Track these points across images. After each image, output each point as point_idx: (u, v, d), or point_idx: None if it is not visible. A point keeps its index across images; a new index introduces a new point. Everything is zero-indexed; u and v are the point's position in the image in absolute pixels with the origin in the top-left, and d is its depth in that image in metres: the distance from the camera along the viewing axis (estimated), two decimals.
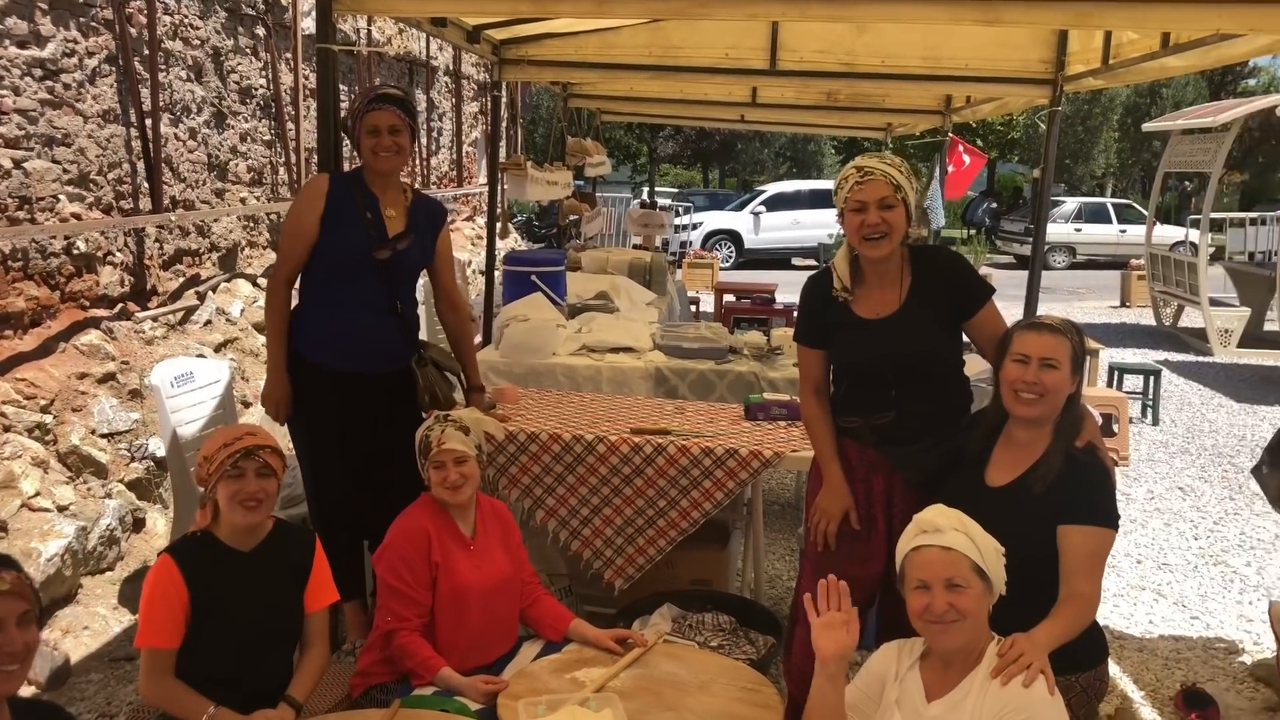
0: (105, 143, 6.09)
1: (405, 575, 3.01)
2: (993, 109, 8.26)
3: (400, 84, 11.93)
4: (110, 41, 6.12)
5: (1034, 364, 2.61)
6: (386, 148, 3.53)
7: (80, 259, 5.87)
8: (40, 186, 5.48)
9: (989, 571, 2.25)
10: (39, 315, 5.51)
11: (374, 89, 3.65)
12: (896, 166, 2.84)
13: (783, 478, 6.34)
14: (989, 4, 3.73)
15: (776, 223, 21.96)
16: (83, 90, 5.87)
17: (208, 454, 2.73)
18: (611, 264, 8.17)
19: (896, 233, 2.84)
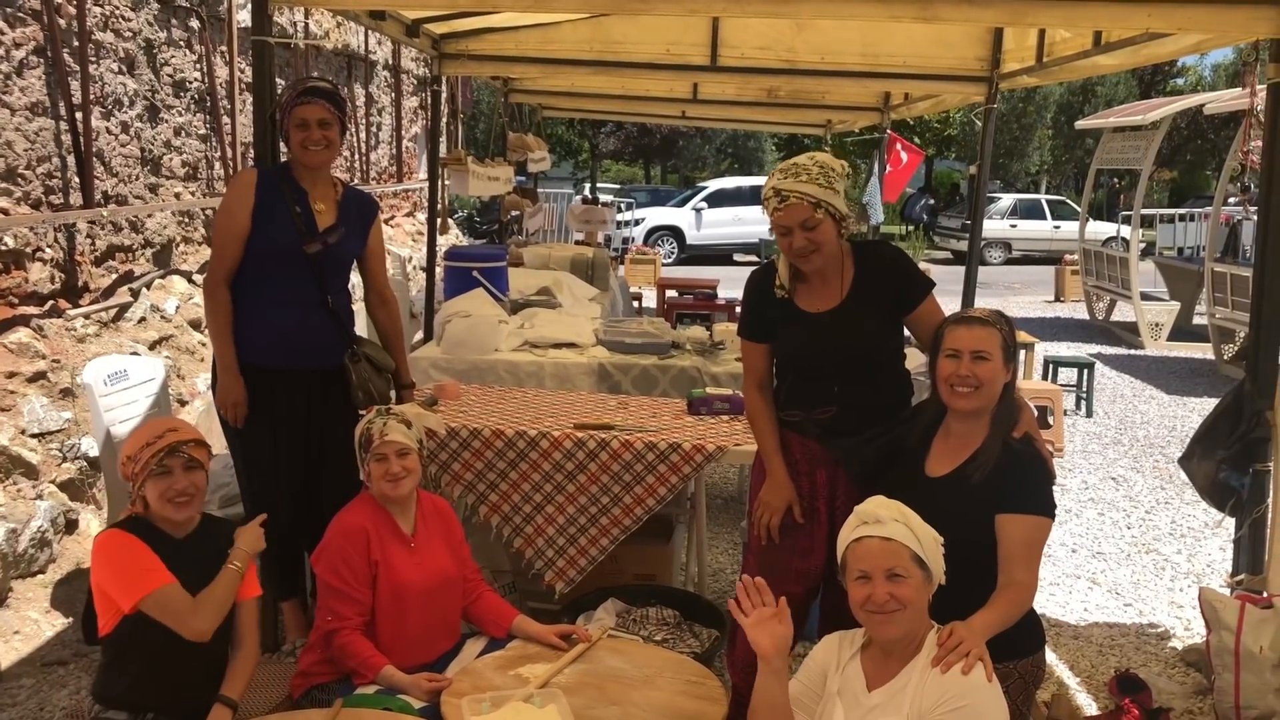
0: (34, 136, 5.94)
1: (345, 574, 2.99)
2: (930, 106, 8.37)
3: (332, 78, 11.78)
4: (38, 32, 5.97)
5: (966, 357, 2.65)
6: (316, 141, 3.48)
7: (8, 255, 5.72)
8: None
9: (928, 561, 2.28)
10: None
11: (301, 81, 3.59)
12: (815, 179, 2.82)
13: (725, 471, 6.38)
14: (925, 1, 3.79)
15: (718, 219, 22.08)
16: (9, 82, 5.72)
17: (131, 454, 2.72)
18: (554, 260, 8.16)
19: (826, 245, 2.87)
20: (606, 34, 6.51)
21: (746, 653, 3.17)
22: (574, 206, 12.01)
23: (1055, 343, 12.05)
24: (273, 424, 3.58)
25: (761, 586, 2.45)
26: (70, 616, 4.30)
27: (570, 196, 18.70)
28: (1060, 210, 23.38)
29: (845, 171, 2.89)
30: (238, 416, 3.56)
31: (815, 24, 6.20)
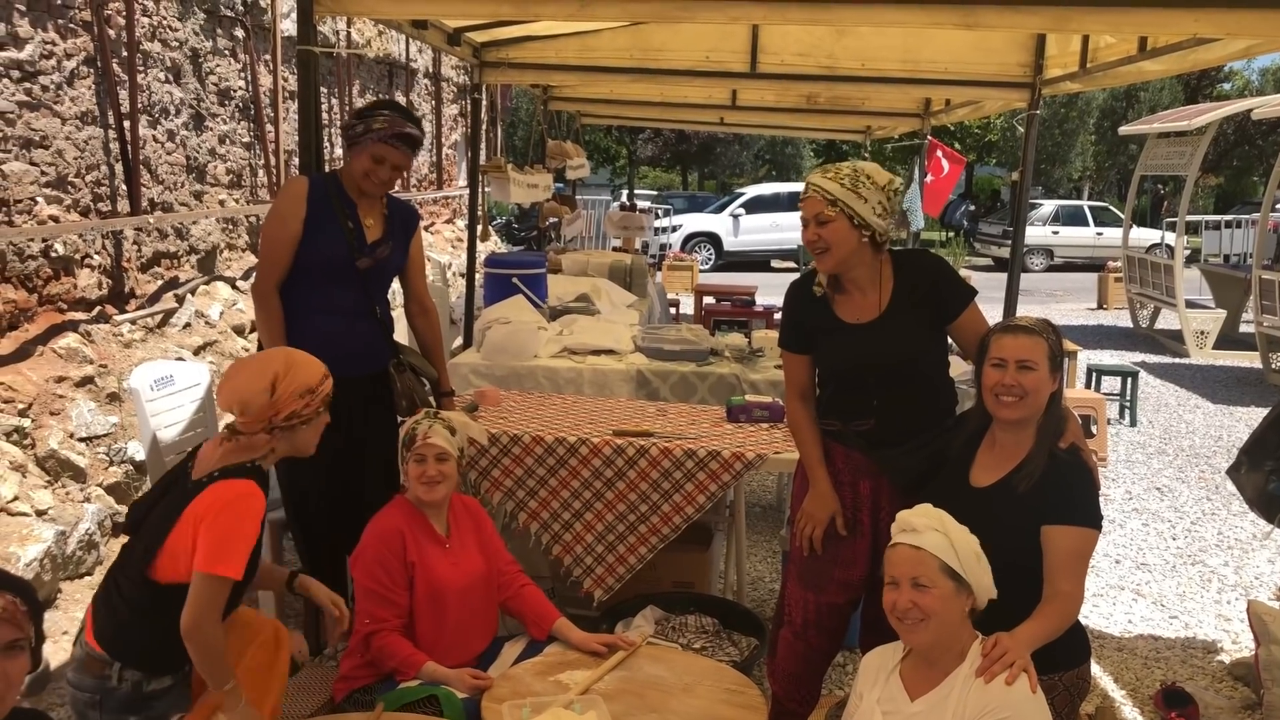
0: (83, 145, 6.05)
1: (381, 577, 3.01)
2: (970, 112, 8.31)
3: (374, 85, 11.89)
4: (89, 43, 6.08)
5: (1011, 367, 2.63)
6: (383, 180, 3.52)
7: (58, 262, 5.83)
8: (18, 189, 5.44)
9: (964, 574, 2.26)
10: (16, 318, 5.46)
11: (397, 120, 3.50)
12: (841, 180, 2.82)
13: (764, 479, 6.36)
14: (968, 8, 3.76)
15: (756, 225, 22.04)
16: (61, 92, 5.83)
17: (311, 385, 2.69)
18: (592, 266, 8.18)
19: (837, 247, 2.85)
20: (646, 41, 6.53)
21: (787, 661, 3.17)
22: (612, 213, 12.04)
23: (1098, 351, 11.92)
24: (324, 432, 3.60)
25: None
26: None
27: (608, 203, 18.75)
28: (1103, 217, 23.12)
29: (889, 186, 2.85)
30: None
31: (855, 30, 6.18)
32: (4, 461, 4.62)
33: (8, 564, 4.12)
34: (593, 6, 4.02)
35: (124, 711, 2.60)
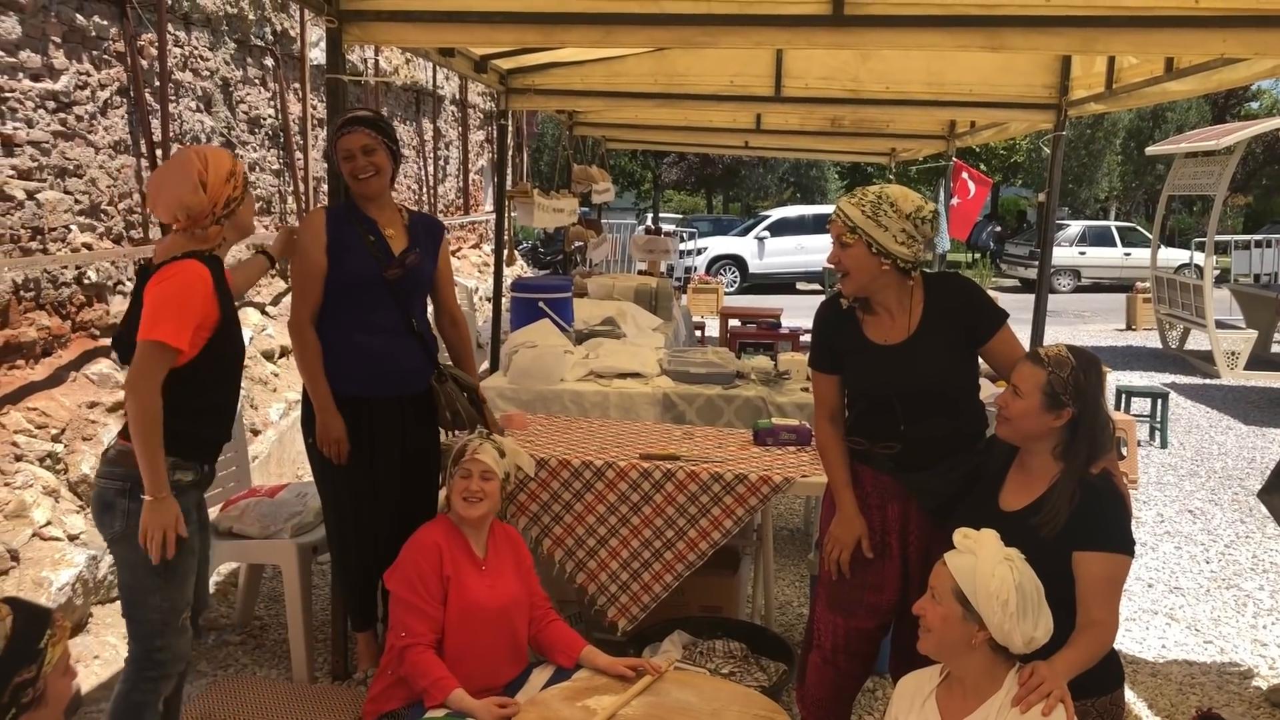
0: (116, 173, 6.14)
1: (418, 587, 3.03)
2: (995, 134, 8.31)
3: (401, 112, 12.01)
4: (122, 74, 6.18)
5: (1009, 389, 2.68)
6: (363, 169, 3.52)
7: (91, 289, 5.91)
8: (52, 217, 5.52)
9: (975, 605, 2.28)
10: (50, 345, 5.53)
11: (344, 113, 3.65)
12: (862, 206, 2.84)
13: (791, 503, 6.33)
14: (993, 30, 3.77)
15: (781, 248, 22.04)
16: (94, 122, 5.92)
17: (234, 170, 2.88)
18: (617, 290, 8.20)
19: (855, 273, 2.87)
20: (671, 67, 6.58)
21: (816, 687, 3.15)
22: (637, 237, 12.08)
23: (1127, 372, 11.81)
24: (370, 453, 3.61)
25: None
26: None
27: (633, 227, 18.80)
28: (1130, 237, 22.98)
29: (916, 214, 2.83)
30: (340, 454, 3.56)
31: (880, 53, 6.21)
32: (38, 486, 4.67)
33: (40, 588, 4.16)
34: (618, 33, 4.06)
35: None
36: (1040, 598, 2.33)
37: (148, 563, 2.78)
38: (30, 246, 5.35)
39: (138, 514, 2.76)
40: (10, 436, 4.86)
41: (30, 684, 1.83)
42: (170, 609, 2.87)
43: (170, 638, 2.89)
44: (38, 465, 4.81)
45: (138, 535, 2.76)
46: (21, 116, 5.29)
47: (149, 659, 2.89)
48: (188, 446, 2.88)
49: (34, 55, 5.37)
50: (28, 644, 1.84)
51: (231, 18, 7.58)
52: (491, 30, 4.17)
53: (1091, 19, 3.76)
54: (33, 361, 5.37)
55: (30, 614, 1.90)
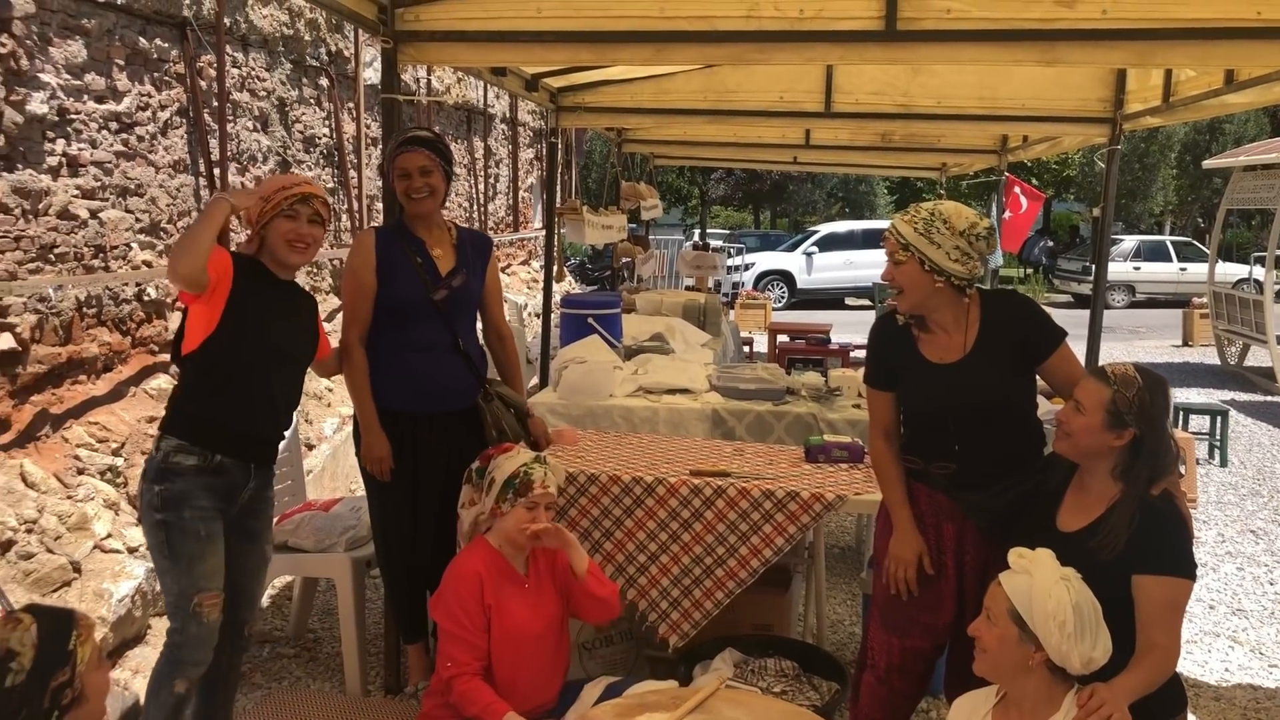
0: (175, 192, 6.26)
1: (461, 618, 3.03)
2: (1048, 148, 8.23)
3: (452, 131, 12.13)
4: (182, 95, 6.31)
5: (1069, 404, 2.64)
6: (418, 189, 3.57)
7: (150, 305, 6.02)
8: (114, 235, 5.65)
9: (1032, 626, 2.26)
10: (111, 360, 5.65)
11: (403, 132, 3.71)
12: (914, 223, 2.83)
13: (843, 520, 6.28)
14: (1048, 45, 3.74)
15: (829, 263, 21.95)
16: (155, 142, 6.05)
17: (265, 195, 3.04)
18: (666, 306, 8.21)
19: (908, 290, 2.86)
20: (720, 83, 6.59)
21: (870, 707, 3.12)
22: (684, 252, 12.09)
23: (1185, 389, 11.59)
24: (416, 470, 3.65)
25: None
26: None
27: (680, 243, 18.82)
28: (1186, 252, 22.60)
29: (970, 231, 2.81)
30: (384, 471, 3.61)
31: (931, 68, 6.17)
32: (98, 499, 4.76)
33: (101, 599, 4.23)
34: (669, 50, 4.08)
35: (154, 480, 2.99)
36: (1098, 618, 2.30)
37: (157, 543, 2.99)
38: (93, 264, 5.47)
39: (146, 495, 2.99)
40: (72, 450, 4.97)
41: (67, 685, 1.87)
42: (179, 592, 2.99)
43: (182, 621, 3.00)
44: (98, 479, 4.90)
45: (146, 516, 2.99)
46: (86, 137, 5.41)
47: (170, 639, 3.04)
48: (194, 431, 3.02)
49: (98, 78, 5.51)
50: (57, 647, 1.87)
51: (288, 39, 7.72)
52: (544, 49, 4.21)
53: (1149, 31, 3.71)
54: (94, 377, 5.49)
55: (54, 618, 1.93)
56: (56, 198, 5.18)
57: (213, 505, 3.03)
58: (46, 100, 5.08)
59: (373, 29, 4.12)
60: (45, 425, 4.98)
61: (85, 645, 1.92)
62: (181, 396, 3.06)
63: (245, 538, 3.18)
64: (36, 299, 5.03)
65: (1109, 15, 3.69)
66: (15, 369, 4.89)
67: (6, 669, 1.82)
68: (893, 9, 3.79)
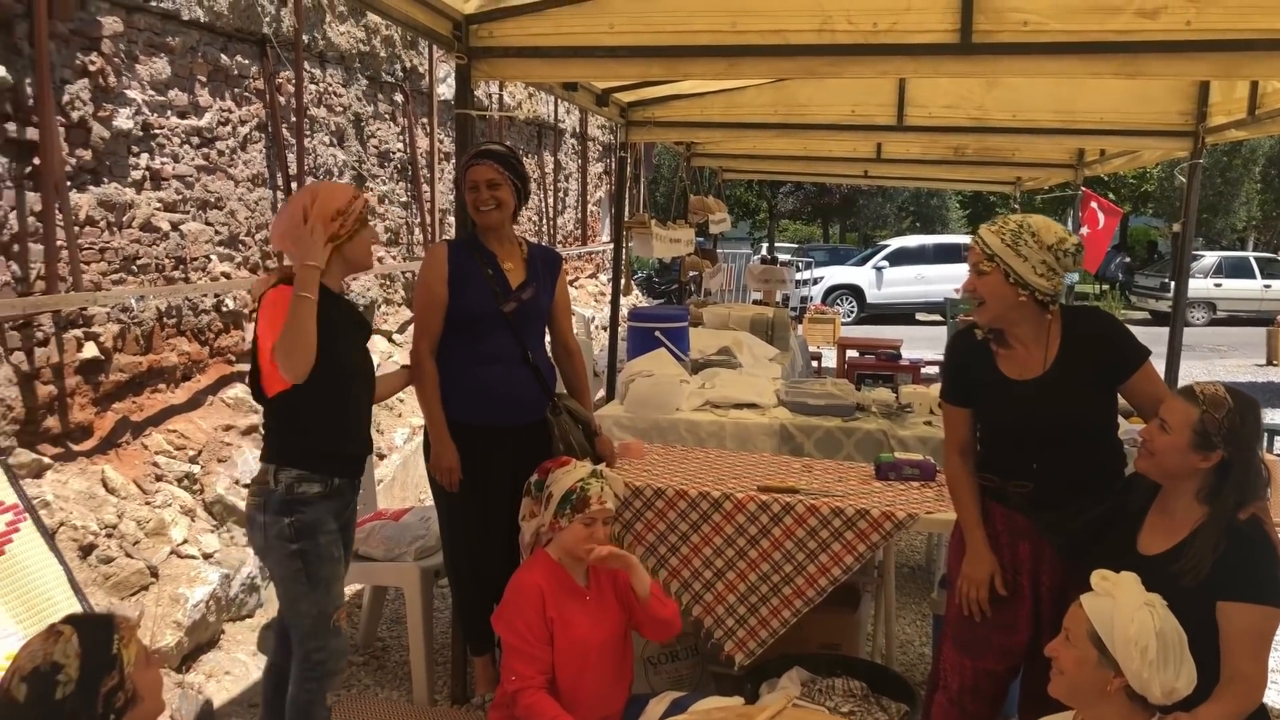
0: (254, 205, 6.40)
1: (524, 632, 3.03)
2: (1126, 162, 8.05)
3: (523, 145, 12.25)
4: (261, 110, 6.46)
5: (1154, 423, 2.57)
6: (485, 202, 3.61)
7: (228, 316, 6.16)
8: (194, 247, 5.78)
9: (1113, 651, 2.19)
10: (190, 370, 5.78)
11: (475, 146, 3.76)
12: (1002, 234, 2.78)
13: (913, 539, 6.19)
14: (1129, 57, 3.66)
15: (900, 277, 21.70)
16: (235, 156, 6.19)
17: (340, 206, 3.00)
18: (733, 319, 8.17)
19: (990, 301, 2.81)
20: (791, 97, 6.56)
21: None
22: (752, 266, 12.05)
23: (1270, 409, 11.24)
24: (484, 481, 3.68)
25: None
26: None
27: (748, 256, 18.76)
28: (1270, 268, 21.95)
29: (1059, 246, 2.75)
30: (452, 482, 3.65)
31: (1006, 81, 6.08)
32: (175, 506, 4.86)
33: (177, 604, 4.32)
34: (741, 64, 4.07)
35: (281, 513, 2.98)
36: (1183, 646, 2.23)
37: (293, 572, 2.99)
38: (173, 275, 5.61)
39: (274, 528, 2.97)
40: (151, 457, 5.09)
41: (119, 688, 1.88)
42: (319, 613, 3.03)
43: (324, 639, 3.06)
44: (176, 485, 5.01)
45: (278, 548, 2.97)
46: (169, 152, 5.56)
47: (308, 660, 3.06)
48: (313, 460, 3.02)
49: (181, 94, 5.65)
50: (102, 653, 1.88)
51: (364, 55, 7.86)
52: (616, 64, 4.23)
53: (1235, 43, 3.60)
54: (173, 385, 5.62)
55: (93, 625, 1.94)
56: (140, 210, 5.33)
57: (336, 526, 3.10)
58: (132, 116, 5.23)
59: (448, 45, 4.18)
60: (126, 432, 5.11)
61: (129, 646, 1.93)
62: (287, 429, 3.03)
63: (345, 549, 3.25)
64: (119, 309, 5.17)
65: (1193, 26, 3.60)
66: (98, 377, 5.03)
67: (54, 682, 1.82)
68: (968, 21, 3.74)
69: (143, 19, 5.31)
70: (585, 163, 15.19)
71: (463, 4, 4.06)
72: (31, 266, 4.59)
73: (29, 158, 4.55)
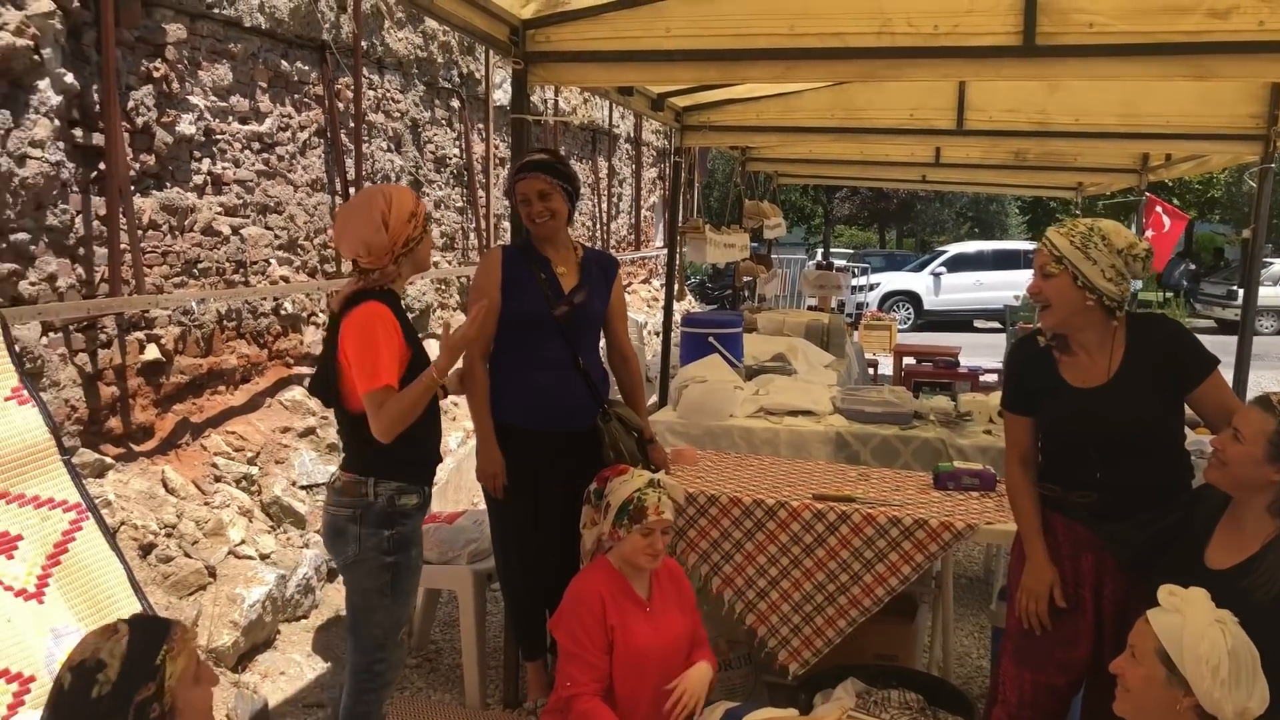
0: (312, 210, 6.47)
1: (581, 639, 3.01)
2: (1193, 167, 7.88)
3: (578, 151, 12.27)
4: (320, 116, 6.53)
5: (1226, 432, 2.49)
6: (539, 214, 3.61)
7: (287, 319, 6.23)
8: (254, 251, 5.86)
9: (1183, 670, 2.12)
10: (249, 372, 5.86)
11: (520, 159, 3.75)
12: (1071, 237, 2.72)
13: (971, 549, 6.09)
14: (1200, 59, 3.57)
15: (958, 283, 21.42)
16: (294, 161, 6.26)
17: (414, 210, 2.99)
18: (788, 325, 8.11)
19: (1056, 305, 2.75)
20: (849, 101, 6.50)
21: None
22: (807, 272, 11.97)
23: None
24: (533, 487, 3.68)
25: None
26: (329, 662, 4.55)
27: (803, 262, 18.65)
28: None
29: (1129, 250, 2.69)
30: (497, 487, 3.65)
31: (1069, 85, 5.97)
32: (234, 507, 4.92)
33: (234, 604, 4.37)
34: (799, 68, 4.04)
35: (380, 525, 2.95)
36: (1256, 665, 2.15)
37: (378, 585, 2.97)
38: (233, 279, 5.69)
39: (371, 540, 2.95)
40: (210, 458, 5.16)
41: (153, 701, 1.82)
42: (392, 625, 3.04)
43: (390, 651, 3.06)
44: (234, 486, 5.08)
45: (372, 560, 2.95)
46: (230, 157, 5.64)
47: (369, 670, 3.05)
48: (409, 471, 3.02)
49: (242, 100, 5.73)
50: (144, 661, 1.83)
51: (421, 61, 7.92)
52: (672, 68, 4.21)
53: None
54: (232, 387, 5.70)
55: (147, 630, 1.90)
56: (201, 215, 5.41)
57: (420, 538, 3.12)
58: (194, 121, 5.31)
59: (504, 50, 4.19)
60: (186, 433, 5.19)
61: (176, 660, 1.87)
62: (375, 446, 2.91)
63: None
64: (180, 312, 5.26)
65: (1266, 27, 3.50)
66: (160, 379, 5.11)
67: (94, 680, 1.80)
68: (1031, 23, 3.67)
69: (205, 26, 5.39)
70: (639, 168, 15.19)
71: (520, 9, 4.07)
72: (96, 270, 4.68)
73: (95, 163, 4.64)
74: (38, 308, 4.27)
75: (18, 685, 2.51)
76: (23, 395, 2.94)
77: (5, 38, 4.08)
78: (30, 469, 2.90)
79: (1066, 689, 2.92)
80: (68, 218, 4.50)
